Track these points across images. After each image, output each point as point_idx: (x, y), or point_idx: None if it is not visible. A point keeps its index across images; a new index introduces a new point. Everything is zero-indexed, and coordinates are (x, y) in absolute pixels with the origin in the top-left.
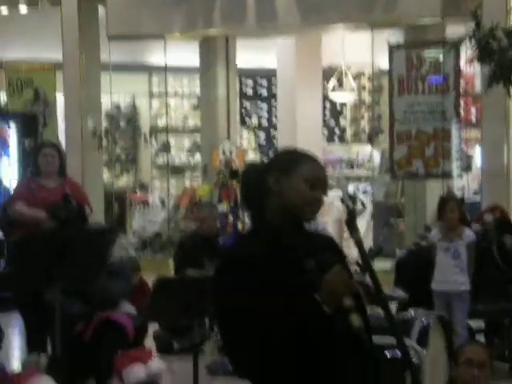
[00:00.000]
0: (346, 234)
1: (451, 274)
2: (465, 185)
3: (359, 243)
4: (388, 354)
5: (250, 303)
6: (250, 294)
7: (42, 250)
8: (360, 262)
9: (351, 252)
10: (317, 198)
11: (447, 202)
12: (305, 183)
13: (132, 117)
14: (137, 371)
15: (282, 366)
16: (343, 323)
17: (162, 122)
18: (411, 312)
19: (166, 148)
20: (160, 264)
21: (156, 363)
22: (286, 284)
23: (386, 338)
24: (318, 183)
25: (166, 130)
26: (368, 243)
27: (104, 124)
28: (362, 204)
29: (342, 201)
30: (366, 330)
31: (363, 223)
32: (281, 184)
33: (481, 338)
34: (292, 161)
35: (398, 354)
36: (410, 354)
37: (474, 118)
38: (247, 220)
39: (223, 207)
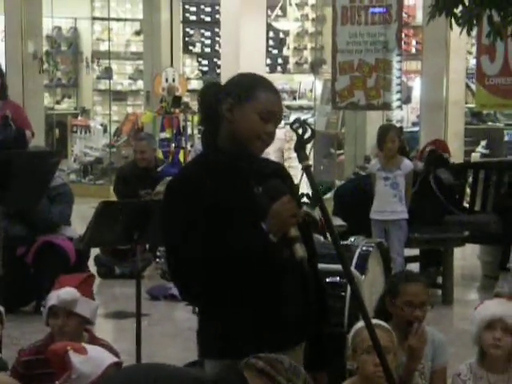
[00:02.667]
0: (287, 163)
1: (389, 204)
2: (404, 116)
3: (308, 170)
4: (328, 279)
5: (197, 228)
6: (197, 219)
7: None
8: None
9: (295, 179)
10: (268, 132)
11: (387, 131)
12: (258, 115)
13: (73, 40)
14: (50, 296)
15: (225, 291)
16: (287, 252)
17: (104, 47)
18: (352, 239)
19: (107, 73)
20: (101, 190)
21: (65, 291)
22: (233, 210)
23: (327, 265)
24: (272, 116)
25: (108, 55)
26: None
27: (45, 47)
28: (312, 131)
29: (292, 127)
30: (312, 259)
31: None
32: (234, 112)
33: (415, 265)
34: (248, 89)
35: (337, 279)
36: (353, 278)
37: (414, 50)
38: (189, 148)
39: (166, 135)
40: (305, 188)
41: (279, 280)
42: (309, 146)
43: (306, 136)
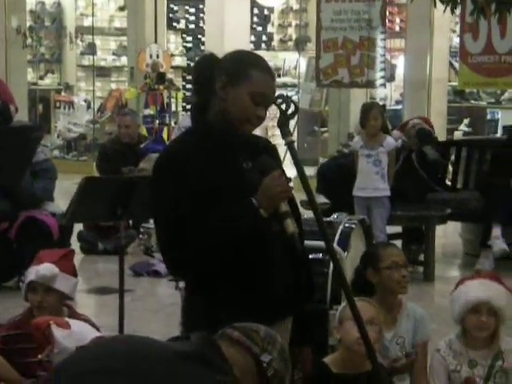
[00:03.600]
0: (271, 140)
1: (372, 181)
2: (387, 94)
3: (291, 146)
4: (310, 255)
5: (184, 206)
6: (184, 197)
7: None
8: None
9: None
10: (258, 116)
11: (370, 109)
12: (250, 97)
13: (57, 15)
14: (29, 272)
15: (215, 265)
16: (278, 227)
17: (87, 22)
18: (334, 216)
19: (91, 49)
20: (84, 166)
21: (44, 266)
22: (222, 186)
23: (309, 241)
24: (264, 99)
25: (92, 30)
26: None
27: (29, 23)
28: (295, 107)
29: (275, 103)
30: (299, 234)
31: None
32: (227, 91)
33: (397, 243)
34: (244, 69)
35: (320, 256)
36: (336, 254)
37: (398, 28)
38: (173, 125)
39: (150, 112)
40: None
41: (268, 255)
42: (292, 123)
43: (290, 112)
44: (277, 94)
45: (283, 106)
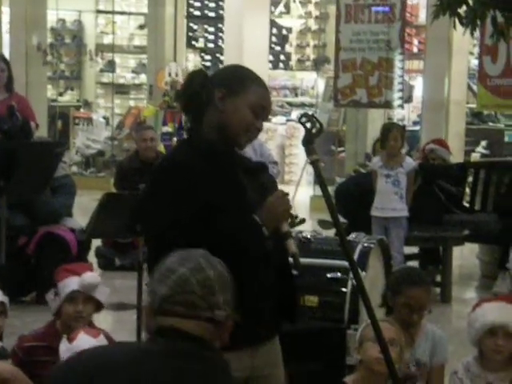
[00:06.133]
0: (288, 160)
1: (390, 201)
2: (405, 115)
3: (316, 165)
4: (329, 274)
5: (187, 218)
6: (188, 208)
7: None
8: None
9: (295, 175)
10: (256, 127)
11: (391, 130)
12: (250, 109)
13: (77, 33)
14: (70, 282)
15: None
16: (270, 246)
17: (107, 40)
18: (353, 236)
19: (111, 66)
20: (102, 182)
21: (90, 275)
22: (225, 201)
23: (329, 260)
24: (262, 112)
25: (112, 48)
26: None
27: (49, 40)
28: (321, 125)
29: (300, 121)
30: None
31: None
32: (226, 103)
33: (414, 263)
34: (242, 81)
35: (338, 275)
36: (359, 274)
37: (416, 49)
38: None
39: (168, 129)
40: (304, 184)
41: (260, 273)
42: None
43: (315, 130)
44: (295, 114)
45: (308, 125)
